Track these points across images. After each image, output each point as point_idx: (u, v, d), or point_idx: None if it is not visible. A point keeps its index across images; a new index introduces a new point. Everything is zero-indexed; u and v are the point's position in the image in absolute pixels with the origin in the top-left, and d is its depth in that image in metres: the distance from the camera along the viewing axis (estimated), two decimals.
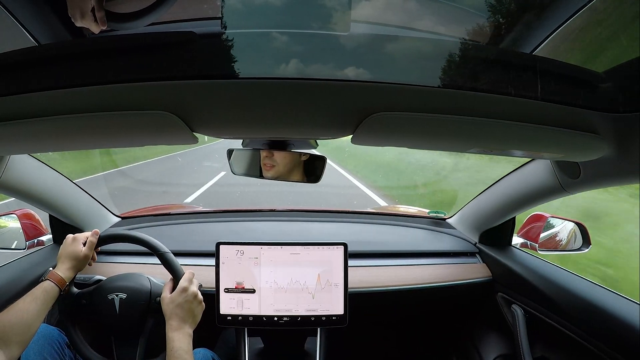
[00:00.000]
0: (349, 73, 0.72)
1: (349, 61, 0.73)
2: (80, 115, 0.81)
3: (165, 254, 1.56)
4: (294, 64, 0.71)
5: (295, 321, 1.77)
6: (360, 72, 0.72)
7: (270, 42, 0.71)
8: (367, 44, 0.74)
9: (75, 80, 0.74)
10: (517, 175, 1.76)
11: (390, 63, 0.75)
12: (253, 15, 0.70)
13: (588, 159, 1.10)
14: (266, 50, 0.72)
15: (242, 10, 0.70)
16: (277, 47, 0.71)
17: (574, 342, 1.56)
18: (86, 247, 1.50)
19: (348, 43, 0.72)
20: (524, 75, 0.79)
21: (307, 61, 0.72)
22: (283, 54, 0.71)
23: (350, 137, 0.93)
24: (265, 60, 0.72)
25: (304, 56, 0.72)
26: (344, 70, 0.72)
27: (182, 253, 1.90)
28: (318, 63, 0.73)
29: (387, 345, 2.65)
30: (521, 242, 2.08)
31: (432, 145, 1.12)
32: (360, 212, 2.69)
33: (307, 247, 1.79)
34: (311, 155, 1.49)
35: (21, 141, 1.00)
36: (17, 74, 0.76)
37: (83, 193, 2.07)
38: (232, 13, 0.69)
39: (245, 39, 0.71)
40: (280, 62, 0.72)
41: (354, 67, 0.72)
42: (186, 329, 1.38)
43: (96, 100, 0.79)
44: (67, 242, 1.51)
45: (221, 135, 1.01)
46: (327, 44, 0.72)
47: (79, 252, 1.48)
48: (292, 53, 0.71)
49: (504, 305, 2.00)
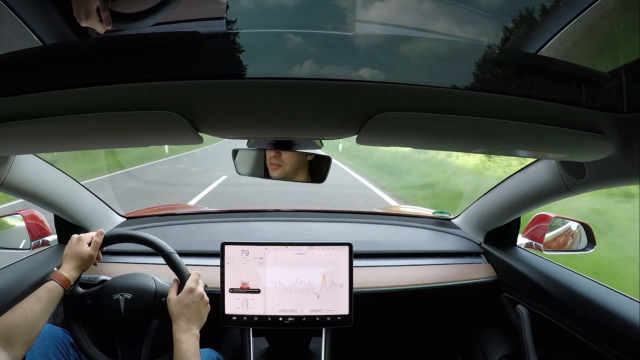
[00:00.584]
0: (355, 73, 0.72)
1: (354, 61, 0.72)
2: (85, 115, 0.81)
3: (171, 255, 1.56)
4: (299, 64, 0.71)
5: (300, 321, 1.77)
6: (366, 72, 0.72)
7: (275, 42, 0.71)
8: (372, 44, 0.74)
9: (80, 81, 0.74)
10: (522, 175, 1.76)
11: (396, 63, 0.75)
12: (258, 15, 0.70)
13: (593, 159, 1.09)
14: (271, 50, 0.72)
15: (247, 10, 0.70)
16: (282, 47, 0.71)
17: (578, 342, 1.55)
18: (91, 247, 1.50)
19: (353, 43, 0.72)
20: (529, 76, 0.79)
21: (312, 61, 0.72)
22: (288, 54, 0.71)
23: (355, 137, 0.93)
24: (270, 60, 0.72)
25: (309, 56, 0.72)
26: (350, 71, 0.72)
27: (187, 253, 1.90)
28: (323, 63, 0.72)
29: (392, 345, 2.65)
30: (526, 242, 2.07)
31: (437, 146, 1.12)
32: (365, 212, 2.69)
33: (312, 247, 1.79)
34: (316, 155, 1.49)
35: (26, 141, 1.00)
36: (22, 74, 0.76)
37: (88, 193, 2.08)
38: (237, 13, 0.69)
39: (249, 39, 0.71)
40: (285, 62, 0.72)
41: (359, 67, 0.72)
42: (194, 330, 1.39)
43: (101, 101, 0.79)
44: (72, 242, 1.51)
45: (226, 136, 1.00)
46: (332, 44, 0.72)
47: (83, 252, 1.48)
48: (298, 53, 0.71)
49: (508, 305, 1.99)
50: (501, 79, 0.78)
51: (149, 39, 0.79)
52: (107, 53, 0.76)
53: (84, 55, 0.77)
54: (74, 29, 0.84)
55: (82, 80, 0.74)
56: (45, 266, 1.85)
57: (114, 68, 0.74)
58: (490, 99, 0.79)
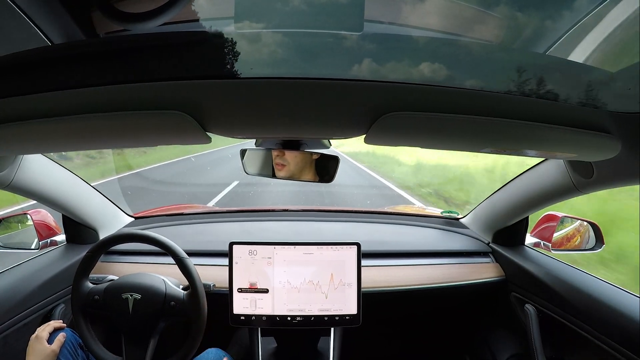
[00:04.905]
0: (363, 73, 0.72)
1: (363, 61, 0.72)
2: (93, 115, 0.81)
3: (184, 260, 1.57)
4: (307, 63, 0.71)
5: (309, 321, 1.77)
6: (374, 72, 0.72)
7: (284, 42, 0.71)
8: (381, 43, 0.74)
9: (89, 80, 0.74)
10: (530, 175, 1.76)
11: (404, 63, 0.75)
12: (267, 15, 0.70)
13: (601, 158, 1.09)
14: (279, 50, 0.72)
15: (255, 10, 0.70)
16: (291, 47, 0.71)
17: (587, 342, 1.55)
18: (54, 344, 1.52)
19: (362, 42, 0.71)
20: (538, 76, 0.79)
21: (320, 61, 0.72)
22: (297, 54, 0.71)
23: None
24: (278, 60, 0.72)
25: (317, 56, 0.72)
26: (358, 70, 0.72)
27: (195, 253, 1.90)
28: (332, 63, 0.72)
29: (400, 344, 2.65)
30: (534, 242, 2.07)
31: (445, 145, 1.11)
32: (373, 212, 2.69)
33: (320, 246, 1.79)
34: (322, 154, 1.48)
35: (35, 141, 1.00)
36: (31, 74, 0.77)
37: (96, 193, 2.08)
38: (245, 12, 0.69)
39: (258, 39, 0.71)
40: (294, 61, 0.72)
41: (368, 67, 0.72)
42: None
43: (109, 100, 0.79)
44: (31, 341, 1.52)
45: (234, 135, 1.00)
46: (341, 43, 0.72)
47: (45, 350, 1.50)
48: (306, 53, 0.71)
49: (517, 304, 1.99)
50: (510, 79, 0.78)
51: (157, 38, 0.79)
52: (116, 53, 0.76)
53: (93, 55, 0.77)
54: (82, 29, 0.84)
55: (91, 80, 0.74)
56: (54, 266, 1.86)
57: (123, 68, 0.74)
58: (499, 98, 0.79)
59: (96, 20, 0.79)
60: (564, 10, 0.84)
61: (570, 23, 0.84)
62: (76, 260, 1.91)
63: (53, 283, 1.79)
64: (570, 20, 0.84)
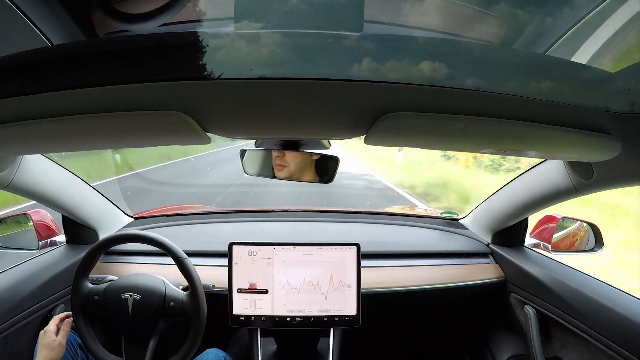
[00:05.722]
0: (363, 73, 0.72)
1: (362, 61, 0.72)
2: (93, 115, 0.81)
3: (183, 260, 1.57)
4: (307, 63, 0.71)
5: (308, 322, 1.77)
6: (374, 72, 0.72)
7: (283, 42, 0.71)
8: (380, 44, 0.74)
9: (88, 81, 0.74)
10: (529, 175, 1.76)
11: (404, 63, 0.75)
12: (266, 15, 0.70)
13: (601, 159, 1.09)
14: (278, 51, 0.72)
15: (255, 10, 0.70)
16: (290, 47, 0.71)
17: (586, 343, 1.55)
18: (60, 335, 1.53)
19: (361, 43, 0.71)
20: (538, 76, 0.79)
21: (320, 61, 0.72)
22: (296, 54, 0.71)
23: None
24: (278, 60, 0.72)
25: (317, 56, 0.72)
26: (358, 70, 0.72)
27: (194, 253, 1.90)
28: (331, 63, 0.72)
29: (400, 345, 2.65)
30: (534, 243, 2.07)
31: (445, 146, 1.11)
32: (373, 213, 2.69)
33: (320, 247, 1.79)
34: (322, 155, 1.48)
35: (34, 141, 1.00)
36: (30, 74, 0.77)
37: (96, 193, 2.08)
38: (245, 13, 0.69)
39: (257, 39, 0.71)
40: (293, 62, 0.72)
41: (367, 67, 0.72)
42: None
43: (109, 101, 0.79)
44: (40, 336, 1.54)
45: (233, 136, 1.00)
46: (340, 43, 0.72)
47: (52, 343, 1.50)
48: (305, 53, 0.71)
49: (516, 305, 1.99)
50: (510, 80, 0.78)
51: (156, 39, 0.79)
52: (115, 53, 0.76)
53: (92, 56, 0.77)
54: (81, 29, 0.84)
55: (90, 80, 0.74)
56: (54, 266, 1.86)
57: (122, 68, 0.74)
58: (499, 99, 0.79)
59: (95, 21, 0.79)
60: (564, 11, 0.84)
61: (570, 22, 0.84)
62: (76, 260, 1.91)
63: (53, 283, 1.79)
64: (570, 20, 0.84)
